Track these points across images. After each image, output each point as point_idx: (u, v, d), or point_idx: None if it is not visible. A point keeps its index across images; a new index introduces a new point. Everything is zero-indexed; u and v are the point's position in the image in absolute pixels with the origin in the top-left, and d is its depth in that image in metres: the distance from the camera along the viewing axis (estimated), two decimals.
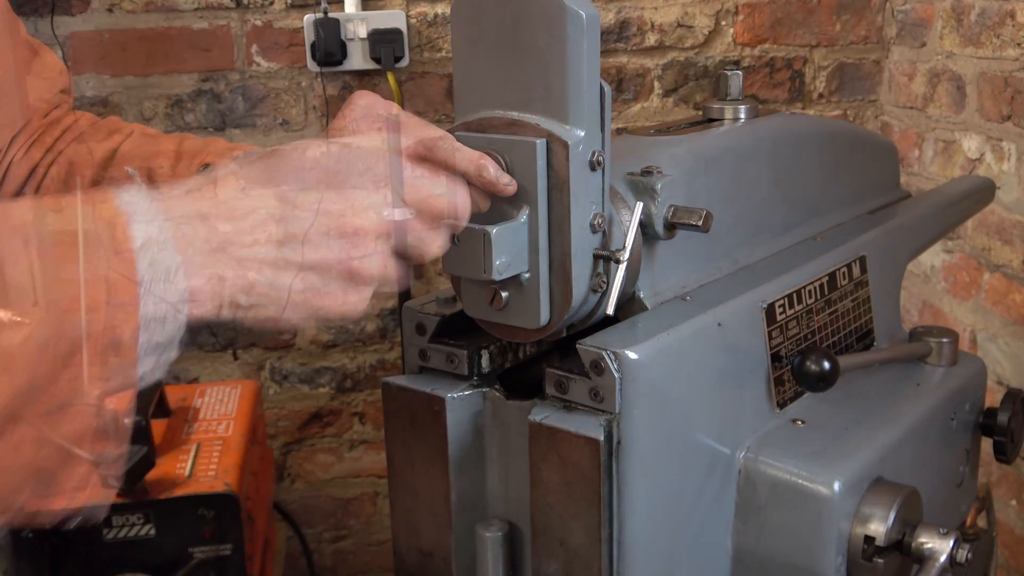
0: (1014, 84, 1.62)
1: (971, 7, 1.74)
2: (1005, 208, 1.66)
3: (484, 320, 0.80)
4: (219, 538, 1.35)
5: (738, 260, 0.93)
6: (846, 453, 0.84)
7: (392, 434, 0.87)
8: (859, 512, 0.82)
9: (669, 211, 0.80)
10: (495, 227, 0.72)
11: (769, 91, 2.11)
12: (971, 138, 1.77)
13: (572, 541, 0.76)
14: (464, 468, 0.84)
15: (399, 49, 1.93)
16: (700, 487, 0.81)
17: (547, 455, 0.76)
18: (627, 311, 0.83)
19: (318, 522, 2.26)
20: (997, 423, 1.04)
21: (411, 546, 0.88)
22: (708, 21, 2.06)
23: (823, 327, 0.96)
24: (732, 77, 1.04)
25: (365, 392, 2.18)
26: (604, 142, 0.74)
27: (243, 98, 1.99)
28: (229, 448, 1.47)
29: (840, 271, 0.99)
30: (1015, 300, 1.66)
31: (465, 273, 0.74)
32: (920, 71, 1.96)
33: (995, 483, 1.71)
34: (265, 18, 1.96)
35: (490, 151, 0.73)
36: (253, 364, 2.11)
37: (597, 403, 0.74)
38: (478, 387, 0.84)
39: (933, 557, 0.82)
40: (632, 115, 2.09)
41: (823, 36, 2.10)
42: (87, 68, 1.94)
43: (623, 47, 2.05)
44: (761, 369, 0.87)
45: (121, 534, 1.33)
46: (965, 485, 1.06)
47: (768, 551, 0.83)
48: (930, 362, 1.04)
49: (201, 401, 1.66)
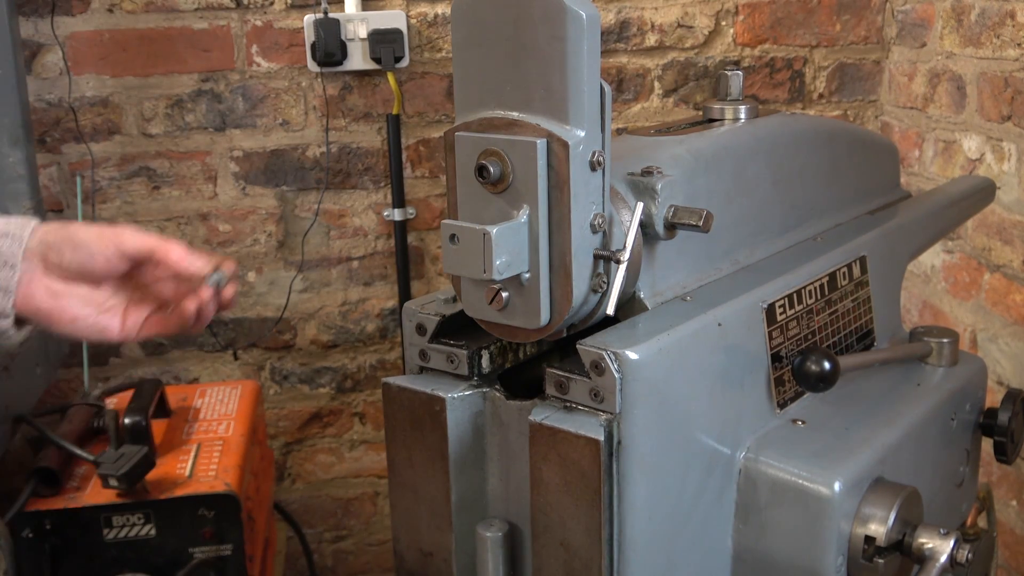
0: (1014, 84, 1.62)
1: (971, 7, 1.74)
2: (1005, 208, 1.66)
3: (484, 320, 0.80)
4: (219, 538, 1.35)
5: (738, 260, 0.93)
6: (846, 453, 0.84)
7: (392, 434, 0.87)
8: (859, 512, 0.82)
9: (669, 211, 0.80)
10: (495, 227, 0.72)
11: (769, 91, 2.11)
12: (971, 138, 1.77)
13: (572, 541, 0.76)
14: (464, 468, 0.84)
15: (399, 49, 1.93)
16: (700, 487, 0.81)
17: (547, 455, 0.76)
18: (627, 311, 0.83)
19: (318, 522, 2.26)
20: (997, 423, 1.04)
21: (411, 546, 0.88)
22: (708, 21, 2.06)
23: (823, 327, 0.96)
24: (732, 77, 1.04)
25: (365, 392, 2.18)
26: (604, 142, 0.74)
27: (243, 98, 1.99)
28: (229, 448, 1.47)
29: (840, 271, 0.99)
30: (1015, 300, 1.66)
31: (465, 273, 0.74)
32: (920, 71, 1.96)
33: (995, 483, 1.71)
34: (265, 18, 1.96)
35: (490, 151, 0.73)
36: (253, 364, 2.12)
37: (597, 403, 0.74)
38: (478, 387, 0.84)
39: (933, 557, 0.82)
40: (632, 115, 2.09)
41: (823, 36, 2.10)
42: (87, 68, 1.94)
43: (623, 47, 2.05)
44: (761, 369, 0.87)
45: (121, 534, 1.33)
46: (965, 485, 1.06)
47: (768, 551, 0.83)
48: (930, 362, 1.04)
49: (201, 401, 1.66)
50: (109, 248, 0.84)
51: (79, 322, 0.85)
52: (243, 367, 2.12)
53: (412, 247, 2.08)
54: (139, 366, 2.08)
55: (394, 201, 2.03)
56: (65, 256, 0.83)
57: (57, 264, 0.83)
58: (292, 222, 2.06)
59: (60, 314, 0.84)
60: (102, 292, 0.87)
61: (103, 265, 0.85)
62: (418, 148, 2.04)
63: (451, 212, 0.78)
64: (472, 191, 0.75)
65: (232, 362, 2.11)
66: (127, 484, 1.30)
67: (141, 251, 0.85)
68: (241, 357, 2.11)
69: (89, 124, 1.96)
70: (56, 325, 0.84)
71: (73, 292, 0.85)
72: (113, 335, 0.86)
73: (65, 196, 1.98)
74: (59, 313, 0.83)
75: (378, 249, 2.08)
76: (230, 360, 2.11)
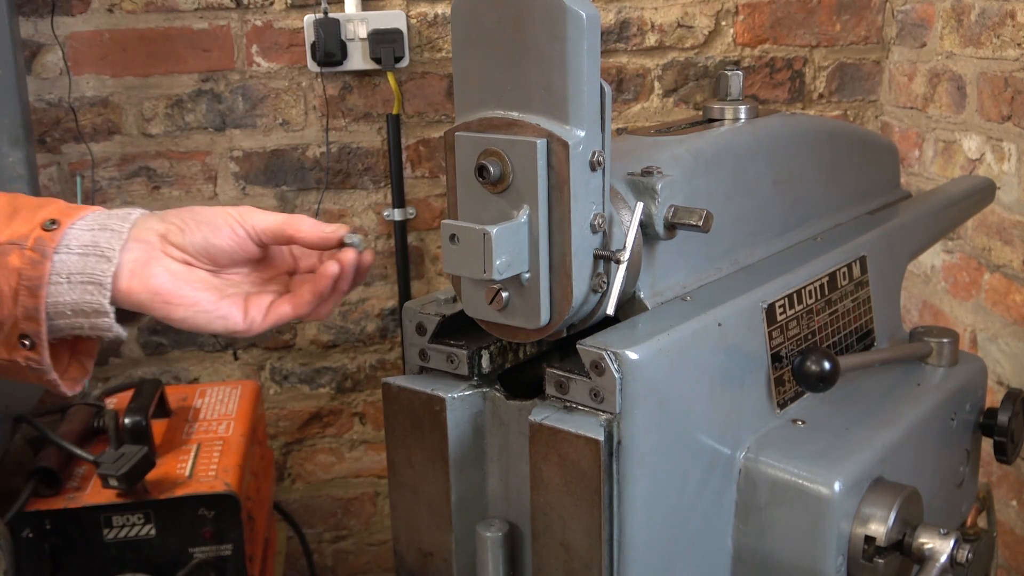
0: (1014, 84, 1.62)
1: (971, 7, 1.74)
2: (1005, 208, 1.66)
3: (484, 320, 0.80)
4: (219, 538, 1.35)
5: (738, 260, 0.93)
6: (846, 453, 0.84)
7: (392, 434, 0.87)
8: (859, 512, 0.82)
9: (669, 211, 0.80)
10: (495, 227, 0.72)
11: (769, 91, 2.11)
12: (971, 138, 1.77)
13: (572, 541, 0.76)
14: (464, 468, 0.84)
15: (399, 49, 1.93)
16: (700, 487, 0.81)
17: (547, 455, 0.76)
18: (627, 311, 0.83)
19: (318, 522, 2.26)
20: (997, 423, 1.04)
21: (411, 546, 0.88)
22: (708, 21, 2.06)
23: (823, 327, 0.96)
24: (732, 77, 1.04)
25: (365, 392, 2.18)
26: (604, 142, 0.74)
27: (243, 98, 1.99)
28: (229, 448, 1.47)
29: (840, 271, 0.99)
30: (1015, 300, 1.66)
31: (465, 273, 0.74)
32: (920, 71, 1.96)
33: (995, 483, 1.71)
34: (265, 18, 1.96)
35: (490, 151, 0.73)
36: (253, 364, 2.12)
37: (597, 403, 0.74)
38: (478, 387, 0.84)
39: (933, 557, 0.82)
40: (632, 115, 2.10)
41: (823, 36, 2.10)
42: (87, 68, 1.94)
43: (623, 47, 2.05)
44: (761, 369, 0.87)
45: (121, 534, 1.33)
46: (965, 485, 1.06)
47: (768, 551, 0.83)
48: (930, 362, 1.04)
49: (201, 401, 1.66)
50: (235, 224, 0.79)
51: (200, 307, 0.77)
52: (243, 367, 2.12)
53: (412, 247, 2.08)
54: (139, 366, 2.08)
55: (394, 201, 2.03)
56: (188, 232, 0.78)
57: (179, 244, 0.77)
58: None
59: (181, 298, 0.76)
60: (223, 278, 0.81)
61: (229, 242, 0.79)
62: (418, 148, 2.04)
63: (451, 212, 0.78)
64: (472, 191, 0.75)
65: (232, 362, 2.11)
66: (127, 484, 1.30)
67: (269, 227, 0.79)
68: (241, 357, 2.11)
69: (89, 124, 1.96)
70: (175, 312, 0.77)
71: (194, 275, 0.78)
72: (237, 324, 0.79)
73: (65, 196, 1.98)
74: (179, 297, 0.76)
75: (378, 249, 2.08)
76: (230, 360, 2.11)
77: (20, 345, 0.74)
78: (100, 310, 0.74)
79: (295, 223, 0.80)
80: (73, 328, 0.75)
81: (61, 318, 0.74)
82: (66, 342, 0.78)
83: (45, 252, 0.73)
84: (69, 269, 0.74)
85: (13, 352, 0.75)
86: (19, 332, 0.74)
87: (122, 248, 0.75)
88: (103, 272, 0.74)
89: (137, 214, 0.78)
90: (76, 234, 0.75)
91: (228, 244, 0.79)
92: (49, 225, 0.75)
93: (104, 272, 0.74)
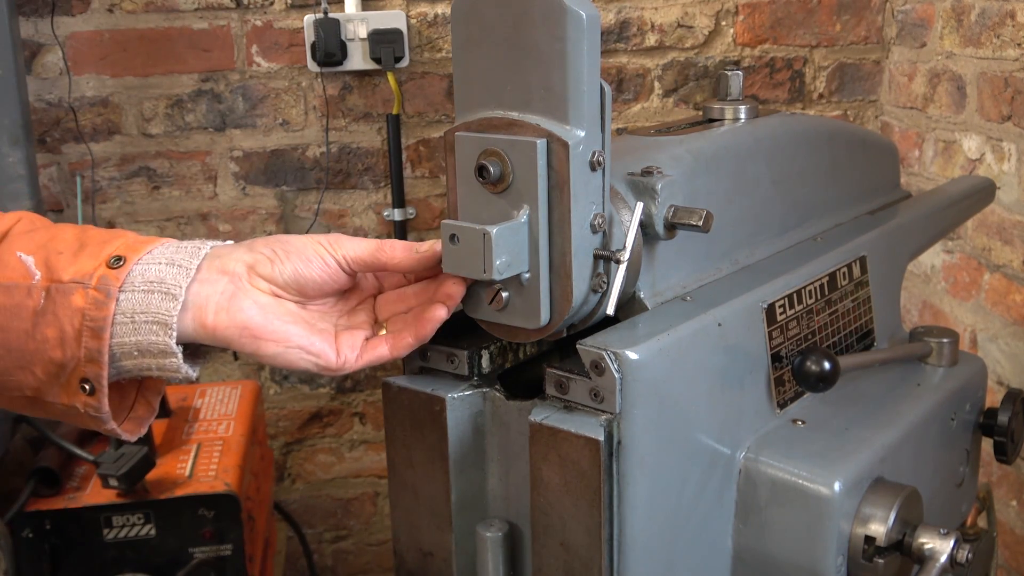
0: (1014, 84, 1.62)
1: (971, 7, 1.74)
2: (1005, 208, 1.66)
3: (484, 320, 0.80)
4: (219, 538, 1.35)
5: (738, 260, 0.93)
6: (846, 453, 0.84)
7: (392, 434, 0.87)
8: (859, 512, 0.82)
9: (669, 211, 0.80)
10: (495, 227, 0.72)
11: (769, 91, 2.11)
12: (971, 138, 1.77)
13: (572, 541, 0.76)
14: (464, 468, 0.84)
15: (399, 49, 1.93)
16: (700, 487, 0.81)
17: (547, 455, 0.76)
18: (627, 311, 0.83)
19: (318, 522, 2.26)
20: (997, 423, 1.04)
21: (411, 546, 0.88)
22: (708, 21, 2.06)
23: (823, 327, 0.96)
24: (732, 77, 1.04)
25: (365, 392, 2.18)
26: (604, 142, 0.74)
27: (243, 98, 1.99)
28: (229, 448, 1.47)
29: (840, 271, 0.99)
30: (1015, 300, 1.66)
31: (465, 273, 0.74)
32: (920, 71, 1.96)
33: (995, 483, 1.71)
34: (265, 18, 1.96)
35: (491, 151, 0.73)
36: (253, 364, 2.12)
37: (597, 403, 0.74)
38: (478, 387, 0.84)
39: (933, 557, 0.82)
40: (632, 115, 2.10)
41: (823, 36, 2.10)
42: (87, 68, 1.94)
43: (623, 47, 2.05)
44: (761, 369, 0.87)
45: (121, 534, 1.33)
46: (965, 485, 1.06)
47: (768, 551, 0.83)
48: (930, 362, 1.04)
49: (201, 401, 1.66)
50: (325, 254, 0.75)
51: (291, 343, 0.73)
52: (243, 367, 2.12)
53: None
54: None
55: (394, 201, 2.03)
56: (277, 263, 0.73)
57: (267, 275, 0.73)
58: (292, 222, 2.06)
59: (271, 333, 0.72)
60: (310, 310, 0.77)
61: (320, 272, 0.74)
62: (418, 148, 2.04)
63: (451, 212, 0.78)
64: (472, 191, 0.75)
65: (232, 362, 2.11)
66: (127, 484, 1.30)
67: (360, 255, 0.75)
68: (241, 357, 2.11)
69: (89, 124, 1.96)
70: (264, 348, 0.72)
71: (283, 308, 0.74)
72: (330, 362, 0.74)
73: (65, 196, 1.98)
74: (270, 332, 0.72)
75: None
76: (230, 360, 2.11)
77: (80, 390, 0.70)
78: (166, 351, 0.70)
79: (387, 249, 0.76)
80: (141, 369, 0.71)
81: (127, 359, 0.70)
82: (135, 380, 0.74)
83: (110, 292, 0.69)
84: (134, 308, 0.70)
85: (73, 397, 0.71)
86: (80, 376, 0.70)
87: (206, 281, 0.71)
88: (167, 311, 0.69)
89: (208, 247, 0.74)
90: (142, 269, 0.71)
91: (319, 275, 0.75)
92: (115, 262, 0.70)
93: (169, 311, 0.69)
